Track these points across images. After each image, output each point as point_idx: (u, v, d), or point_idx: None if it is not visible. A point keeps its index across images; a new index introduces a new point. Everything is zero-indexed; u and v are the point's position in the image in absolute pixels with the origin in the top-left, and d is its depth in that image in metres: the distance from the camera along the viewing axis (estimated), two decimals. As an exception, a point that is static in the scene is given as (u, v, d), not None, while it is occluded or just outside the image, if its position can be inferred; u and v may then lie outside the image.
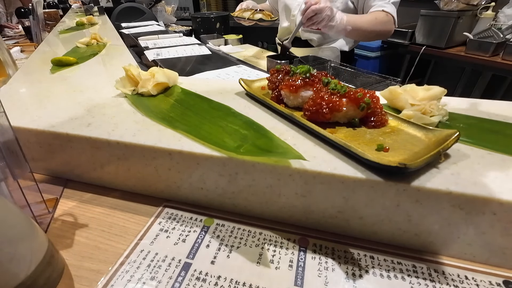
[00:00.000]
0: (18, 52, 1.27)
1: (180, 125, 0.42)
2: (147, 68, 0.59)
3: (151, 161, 0.39)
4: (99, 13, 1.93)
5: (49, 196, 0.42)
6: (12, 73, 0.77)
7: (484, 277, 0.30)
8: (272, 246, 0.34)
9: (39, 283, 0.28)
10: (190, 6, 3.21)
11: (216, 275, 0.31)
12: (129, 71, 0.53)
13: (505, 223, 0.29)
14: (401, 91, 0.44)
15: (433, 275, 0.30)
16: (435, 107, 0.41)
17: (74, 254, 0.34)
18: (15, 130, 0.33)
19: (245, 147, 0.36)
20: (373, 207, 0.32)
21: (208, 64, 0.88)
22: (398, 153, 0.33)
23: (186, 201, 0.41)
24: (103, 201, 0.42)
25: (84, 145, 0.41)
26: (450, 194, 0.29)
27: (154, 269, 0.31)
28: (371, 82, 0.79)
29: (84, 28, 1.46)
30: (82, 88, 0.58)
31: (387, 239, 0.34)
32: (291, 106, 0.45)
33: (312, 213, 0.35)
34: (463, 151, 0.35)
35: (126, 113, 0.47)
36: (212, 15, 1.88)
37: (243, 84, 0.53)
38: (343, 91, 0.40)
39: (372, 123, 0.39)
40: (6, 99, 0.53)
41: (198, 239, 0.35)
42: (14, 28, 1.95)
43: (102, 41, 1.04)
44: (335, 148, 0.35)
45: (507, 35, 1.50)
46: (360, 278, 0.30)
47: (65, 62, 0.76)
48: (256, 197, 0.37)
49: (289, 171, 0.33)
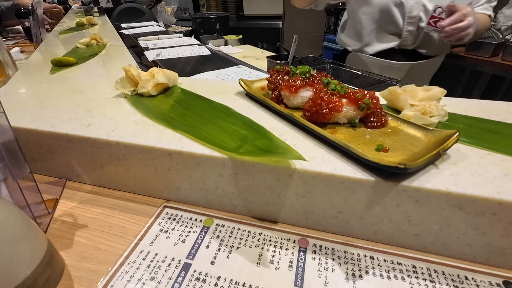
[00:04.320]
0: (18, 52, 1.27)
1: (180, 125, 0.42)
2: (147, 68, 0.59)
3: (151, 161, 0.39)
4: (99, 14, 1.93)
5: (48, 196, 0.42)
6: (12, 73, 0.77)
7: (484, 277, 0.30)
8: (272, 247, 0.34)
9: (38, 284, 0.28)
10: (190, 6, 3.22)
11: (216, 276, 0.31)
12: (129, 72, 0.53)
13: (505, 224, 0.29)
14: (400, 91, 0.44)
15: (433, 275, 0.30)
16: (434, 107, 0.41)
17: (73, 254, 0.34)
18: (14, 131, 0.33)
19: (245, 147, 0.36)
20: (373, 207, 0.32)
21: (208, 65, 0.88)
22: (398, 153, 0.33)
23: (186, 202, 0.41)
24: (103, 202, 0.42)
25: (84, 145, 0.41)
26: (450, 194, 0.29)
27: (154, 270, 0.31)
28: (370, 82, 0.79)
29: (84, 28, 1.46)
30: (82, 88, 0.58)
31: (387, 239, 0.34)
32: (291, 107, 0.45)
33: (312, 213, 0.35)
34: (463, 152, 0.35)
35: (126, 114, 0.47)
36: (212, 16, 1.89)
37: (243, 84, 0.53)
38: (343, 91, 0.40)
39: (372, 124, 0.39)
40: (6, 100, 0.53)
41: (198, 239, 0.35)
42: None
43: (102, 41, 1.04)
44: (335, 148, 0.35)
45: (506, 35, 1.50)
46: (360, 278, 0.30)
47: (65, 63, 0.76)
48: (256, 198, 0.37)
49: (289, 171, 0.33)
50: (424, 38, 0.90)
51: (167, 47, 1.07)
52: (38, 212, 0.39)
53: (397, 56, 0.95)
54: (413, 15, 0.87)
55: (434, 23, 0.81)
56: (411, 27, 0.88)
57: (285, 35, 2.72)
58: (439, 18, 0.80)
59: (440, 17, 0.79)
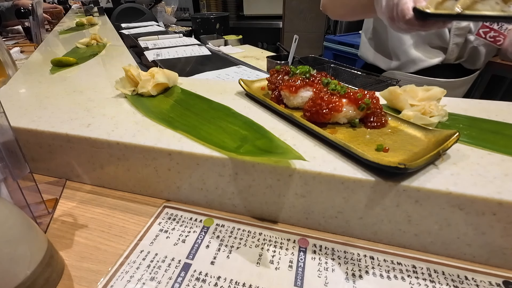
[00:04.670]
0: (18, 52, 1.27)
1: (180, 125, 0.42)
2: (147, 68, 0.59)
3: (151, 161, 0.39)
4: (99, 14, 1.93)
5: (48, 196, 0.42)
6: (12, 73, 0.77)
7: (484, 277, 0.30)
8: (272, 247, 0.34)
9: (38, 284, 0.28)
10: (190, 6, 3.22)
11: (216, 276, 0.31)
12: (129, 72, 0.53)
13: (505, 224, 0.29)
14: (400, 91, 0.44)
15: (433, 275, 0.30)
16: (434, 107, 0.41)
17: (73, 254, 0.34)
18: (14, 131, 0.33)
19: (245, 147, 0.36)
20: (373, 207, 0.32)
21: (208, 65, 0.88)
22: (397, 153, 0.33)
23: (186, 202, 0.41)
24: (103, 202, 0.42)
25: (84, 145, 0.41)
26: (450, 194, 0.29)
27: (153, 270, 0.31)
28: (370, 82, 0.79)
29: (84, 28, 1.46)
30: (81, 88, 0.58)
31: (387, 239, 0.34)
32: (291, 107, 0.45)
33: (312, 213, 0.35)
34: (463, 152, 0.35)
35: (126, 114, 0.47)
36: (212, 16, 1.89)
37: (243, 84, 0.53)
38: (343, 91, 0.40)
39: (372, 124, 0.39)
40: (6, 100, 0.53)
41: (198, 239, 0.35)
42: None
43: (102, 41, 1.04)
44: (335, 148, 0.35)
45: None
46: (360, 278, 0.30)
47: (65, 63, 0.76)
48: (256, 198, 0.37)
49: (289, 171, 0.33)
50: (472, 51, 0.77)
51: (167, 47, 1.07)
52: (38, 212, 0.39)
53: (443, 72, 0.80)
54: (461, 26, 0.73)
55: (484, 34, 0.69)
56: (458, 39, 0.75)
57: (285, 35, 2.73)
58: (490, 28, 0.68)
59: (492, 28, 0.68)
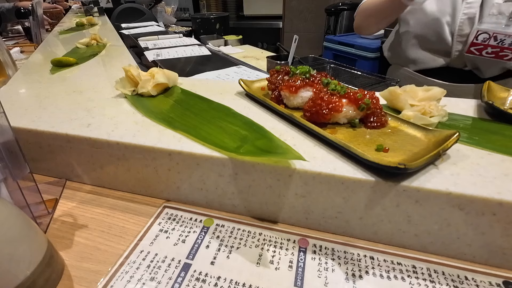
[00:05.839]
0: (18, 52, 1.27)
1: (180, 125, 0.42)
2: (147, 68, 0.59)
3: (150, 161, 0.39)
4: (99, 14, 1.93)
5: (48, 196, 0.42)
6: (12, 73, 0.77)
7: (484, 277, 0.30)
8: (272, 247, 0.34)
9: (38, 284, 0.28)
10: (190, 7, 3.22)
11: (215, 276, 0.31)
12: (129, 72, 0.53)
13: (505, 224, 0.29)
14: (400, 91, 0.44)
15: (433, 275, 0.30)
16: (434, 107, 0.41)
17: (73, 254, 0.34)
18: (14, 131, 0.33)
19: (245, 147, 0.36)
20: (372, 207, 0.32)
21: (208, 65, 0.88)
22: (397, 153, 0.33)
23: (186, 202, 0.41)
24: (103, 202, 0.42)
25: (84, 145, 0.41)
26: (450, 194, 0.29)
27: (153, 270, 0.31)
28: (370, 82, 0.79)
29: (84, 28, 1.46)
30: (81, 88, 0.58)
31: (387, 239, 0.34)
32: (291, 107, 0.45)
33: (312, 214, 0.35)
34: (462, 152, 0.35)
35: (126, 114, 0.47)
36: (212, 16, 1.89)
37: (243, 84, 0.53)
38: (343, 91, 0.40)
39: (372, 124, 0.39)
40: (6, 100, 0.53)
41: (198, 239, 0.35)
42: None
43: (102, 41, 1.04)
44: (335, 148, 0.35)
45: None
46: (360, 278, 0.30)
47: (65, 63, 0.76)
48: (256, 198, 0.37)
49: (289, 171, 0.33)
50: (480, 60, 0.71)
51: (167, 47, 1.07)
52: (38, 212, 0.39)
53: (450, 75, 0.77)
54: (463, 33, 0.70)
55: (479, 52, 0.63)
56: (460, 46, 0.72)
57: (285, 35, 2.73)
58: (485, 45, 0.61)
59: (488, 44, 0.61)
